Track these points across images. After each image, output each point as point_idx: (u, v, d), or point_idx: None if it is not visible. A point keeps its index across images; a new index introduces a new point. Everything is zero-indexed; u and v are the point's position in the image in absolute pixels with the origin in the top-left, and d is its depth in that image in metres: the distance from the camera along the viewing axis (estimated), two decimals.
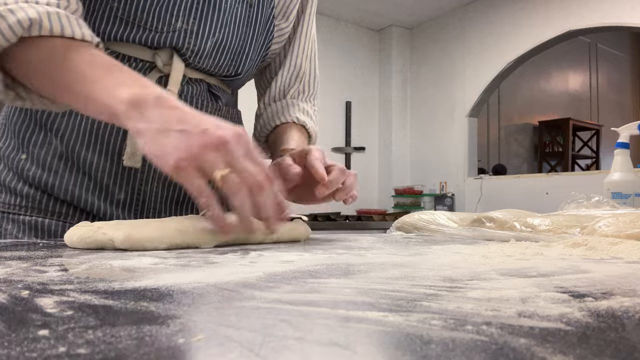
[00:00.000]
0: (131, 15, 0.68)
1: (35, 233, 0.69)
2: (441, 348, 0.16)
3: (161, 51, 0.71)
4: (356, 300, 0.25)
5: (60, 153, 0.69)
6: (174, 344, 0.17)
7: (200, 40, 0.72)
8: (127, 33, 0.69)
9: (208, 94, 0.78)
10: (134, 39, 0.69)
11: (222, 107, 0.80)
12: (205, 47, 0.73)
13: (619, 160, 1.31)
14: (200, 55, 0.73)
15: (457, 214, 0.92)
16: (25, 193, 0.69)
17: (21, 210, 0.69)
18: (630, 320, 0.21)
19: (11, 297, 0.24)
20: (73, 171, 0.69)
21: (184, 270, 0.35)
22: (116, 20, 0.68)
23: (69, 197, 0.69)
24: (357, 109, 4.26)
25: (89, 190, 0.70)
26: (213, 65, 0.76)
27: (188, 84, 0.75)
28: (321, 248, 0.54)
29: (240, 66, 0.80)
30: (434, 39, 4.19)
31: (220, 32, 0.74)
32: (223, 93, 0.82)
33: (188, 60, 0.73)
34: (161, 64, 0.71)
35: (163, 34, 0.70)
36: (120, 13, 0.68)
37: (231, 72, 0.79)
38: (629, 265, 0.40)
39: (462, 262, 0.41)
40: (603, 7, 3.12)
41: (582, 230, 0.69)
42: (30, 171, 0.69)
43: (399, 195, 4.01)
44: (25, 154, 0.70)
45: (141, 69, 0.71)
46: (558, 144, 5.52)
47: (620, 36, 6.18)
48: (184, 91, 0.74)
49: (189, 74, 0.74)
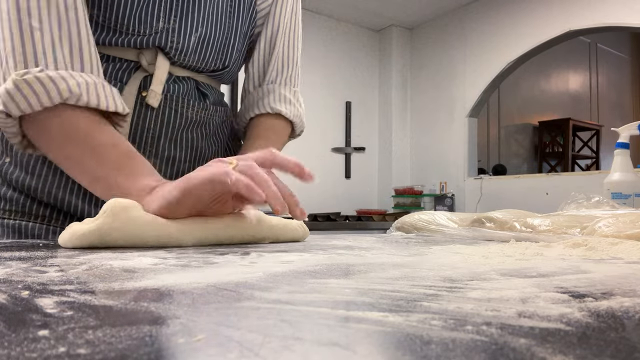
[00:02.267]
0: (112, 22, 0.68)
1: (19, 236, 0.69)
2: (441, 348, 0.16)
3: (146, 51, 0.71)
4: (356, 300, 0.25)
5: (42, 156, 0.69)
6: (174, 344, 0.17)
7: (184, 37, 0.72)
8: (109, 37, 0.69)
9: (196, 92, 0.78)
10: (117, 43, 0.69)
11: (210, 105, 0.79)
12: (189, 43, 0.73)
13: (619, 160, 1.31)
14: (185, 52, 0.73)
15: (457, 214, 0.92)
16: (9, 197, 0.69)
17: (5, 214, 0.69)
18: (630, 320, 0.21)
19: (11, 297, 0.24)
20: (57, 174, 0.69)
21: (184, 270, 0.35)
22: (98, 26, 0.68)
23: (52, 200, 0.69)
24: (357, 109, 4.26)
25: (72, 192, 0.69)
26: (199, 61, 0.75)
27: (175, 82, 0.74)
28: (321, 248, 0.54)
29: (227, 59, 0.79)
30: (434, 39, 4.19)
31: (203, 26, 0.74)
32: (212, 91, 0.81)
33: (173, 58, 0.72)
34: (146, 63, 0.71)
35: (146, 36, 0.70)
36: (101, 20, 0.68)
37: (218, 65, 0.78)
38: (629, 265, 0.40)
39: (462, 263, 0.41)
40: (603, 7, 3.12)
41: (582, 230, 0.69)
42: (14, 174, 0.69)
43: (399, 196, 4.01)
44: (9, 157, 0.70)
45: (126, 69, 0.71)
46: (558, 144, 5.52)
47: (620, 36, 6.18)
48: (170, 90, 0.73)
49: (176, 72, 0.74)
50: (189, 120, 0.76)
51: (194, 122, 0.77)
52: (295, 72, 0.91)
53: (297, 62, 0.91)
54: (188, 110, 0.75)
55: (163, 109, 0.73)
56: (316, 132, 3.90)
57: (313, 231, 0.68)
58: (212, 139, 0.81)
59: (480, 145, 4.27)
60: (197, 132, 0.78)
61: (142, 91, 0.71)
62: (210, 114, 0.79)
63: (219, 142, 0.84)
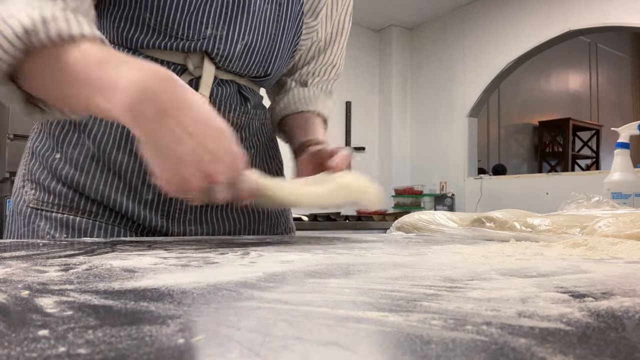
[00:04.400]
0: (162, 25, 0.69)
1: (66, 230, 0.70)
2: (441, 348, 0.16)
3: (192, 55, 0.72)
4: (356, 300, 0.25)
5: (92, 154, 0.70)
6: (174, 344, 0.17)
7: (230, 44, 0.73)
8: (159, 41, 0.70)
9: (238, 96, 0.79)
10: (166, 46, 0.70)
11: (250, 110, 0.80)
12: (235, 50, 0.74)
13: (619, 160, 1.31)
14: (230, 59, 0.74)
15: (457, 214, 0.92)
16: (58, 191, 0.71)
17: (54, 207, 0.71)
18: (630, 320, 0.21)
19: (11, 297, 0.24)
20: (104, 171, 0.71)
21: (184, 270, 0.35)
22: (149, 29, 0.69)
23: (99, 197, 0.71)
24: (357, 109, 4.26)
25: (118, 190, 0.71)
26: (243, 68, 0.76)
27: (219, 86, 0.75)
28: (321, 248, 0.54)
29: (270, 67, 0.80)
30: (434, 39, 4.19)
31: (249, 35, 0.75)
32: (253, 94, 0.82)
33: (218, 64, 0.74)
34: (192, 67, 0.72)
35: (193, 42, 0.71)
36: (152, 23, 0.69)
37: (261, 73, 0.80)
38: (629, 265, 0.40)
39: (462, 262, 0.41)
40: (603, 7, 3.12)
41: (582, 230, 0.69)
42: (64, 170, 0.71)
43: (399, 195, 4.01)
44: (60, 154, 0.72)
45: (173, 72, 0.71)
46: (558, 144, 5.52)
47: (620, 36, 6.18)
48: (214, 93, 0.74)
49: (220, 75, 0.75)
50: (231, 123, 0.77)
51: (235, 126, 0.78)
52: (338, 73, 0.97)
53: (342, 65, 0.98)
54: (230, 113, 0.76)
55: None
56: None
57: (313, 231, 0.68)
58: (251, 142, 0.83)
59: (480, 145, 4.27)
60: (238, 135, 0.78)
61: None
62: (250, 117, 0.80)
63: (258, 144, 0.85)
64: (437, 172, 4.06)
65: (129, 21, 0.70)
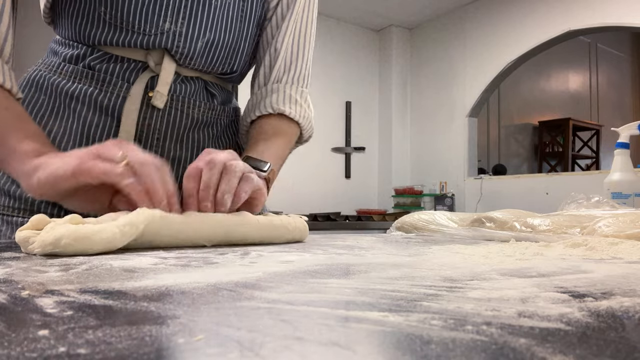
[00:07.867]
0: (118, 19, 0.68)
1: None
2: (441, 348, 0.16)
3: (153, 52, 0.71)
4: (356, 300, 0.25)
5: None
6: (174, 344, 0.17)
7: (190, 41, 0.72)
8: (116, 37, 0.69)
9: (204, 92, 0.77)
10: (124, 43, 0.69)
11: (218, 106, 0.79)
12: (196, 48, 0.72)
13: (619, 160, 1.31)
14: (191, 56, 0.73)
15: (457, 214, 0.92)
16: (18, 195, 0.70)
17: (14, 212, 0.70)
18: (630, 320, 0.21)
19: (11, 297, 0.24)
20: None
21: (184, 270, 0.35)
22: (105, 24, 0.68)
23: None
24: (357, 109, 4.26)
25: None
26: (205, 65, 0.75)
27: (182, 83, 0.74)
28: (321, 248, 0.54)
29: (235, 64, 0.78)
30: (434, 39, 4.19)
31: (211, 32, 0.73)
32: (220, 90, 0.81)
33: (179, 61, 0.72)
34: (153, 64, 0.71)
35: (152, 37, 0.70)
36: (108, 17, 0.68)
37: (226, 69, 0.78)
38: (629, 265, 0.40)
39: (462, 262, 0.41)
40: (603, 7, 3.12)
41: (582, 230, 0.69)
42: None
43: (399, 195, 4.01)
44: None
45: (133, 69, 0.71)
46: (558, 144, 5.52)
47: (620, 36, 6.18)
48: (177, 90, 0.73)
49: (183, 72, 0.74)
50: (195, 120, 0.76)
51: (201, 123, 0.77)
52: (305, 71, 0.85)
53: (307, 61, 0.85)
54: (194, 110, 0.75)
55: (169, 109, 0.73)
56: (316, 132, 3.86)
57: (313, 231, 0.68)
58: (219, 140, 0.81)
59: (480, 145, 4.27)
60: (203, 132, 0.78)
61: (149, 92, 0.71)
62: (217, 114, 0.79)
63: (227, 142, 0.83)
64: (437, 172, 4.06)
65: (86, 17, 0.69)
